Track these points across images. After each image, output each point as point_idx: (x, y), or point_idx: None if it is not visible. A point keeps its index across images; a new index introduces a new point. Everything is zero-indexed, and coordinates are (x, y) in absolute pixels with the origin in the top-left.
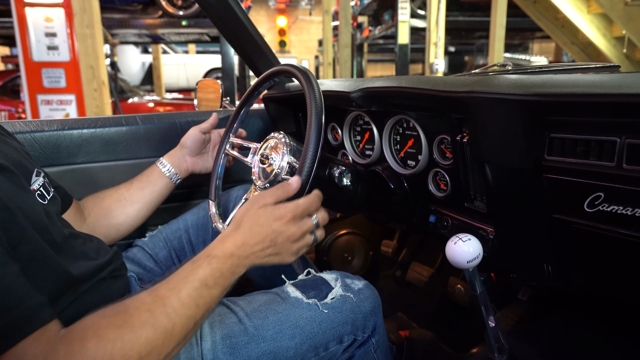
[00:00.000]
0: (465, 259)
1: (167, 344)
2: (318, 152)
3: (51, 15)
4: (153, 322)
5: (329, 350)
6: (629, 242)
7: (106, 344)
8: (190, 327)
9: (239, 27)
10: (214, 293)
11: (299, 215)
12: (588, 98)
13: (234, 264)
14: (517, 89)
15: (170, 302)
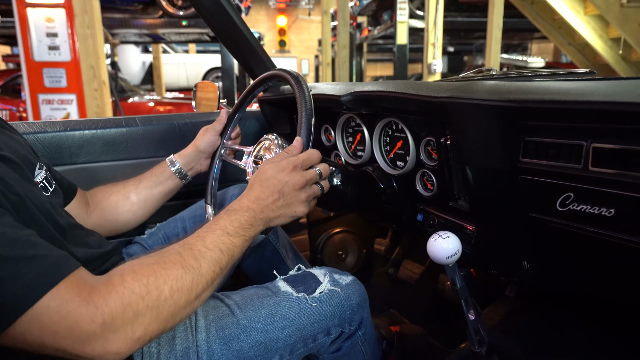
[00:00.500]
0: (445, 255)
1: (196, 283)
2: (312, 131)
3: (52, 15)
4: (182, 262)
5: (317, 342)
6: (597, 240)
7: (142, 277)
8: (216, 271)
9: (235, 31)
10: (235, 241)
11: (300, 166)
12: (556, 105)
13: (251, 217)
14: (493, 95)
15: (197, 247)
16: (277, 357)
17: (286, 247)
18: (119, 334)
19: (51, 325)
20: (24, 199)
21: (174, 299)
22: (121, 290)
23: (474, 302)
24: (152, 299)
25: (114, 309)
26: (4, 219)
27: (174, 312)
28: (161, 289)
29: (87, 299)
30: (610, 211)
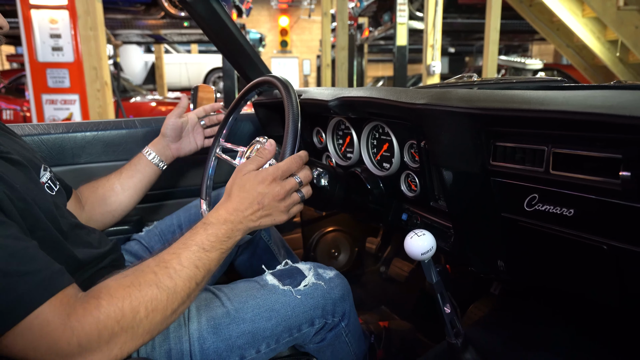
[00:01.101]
0: (420, 252)
1: (171, 301)
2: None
3: (56, 17)
4: (157, 282)
5: (301, 332)
6: (560, 238)
7: (117, 301)
8: (192, 286)
9: (229, 37)
10: (211, 256)
11: (279, 176)
12: (517, 112)
13: (228, 229)
14: (464, 103)
15: (172, 265)
16: (264, 346)
17: (278, 244)
18: (95, 353)
19: (33, 341)
20: (30, 205)
21: (149, 319)
22: (97, 315)
23: (449, 296)
24: (127, 321)
25: (89, 332)
26: (9, 231)
27: (150, 329)
28: (137, 310)
29: (65, 322)
30: (570, 211)
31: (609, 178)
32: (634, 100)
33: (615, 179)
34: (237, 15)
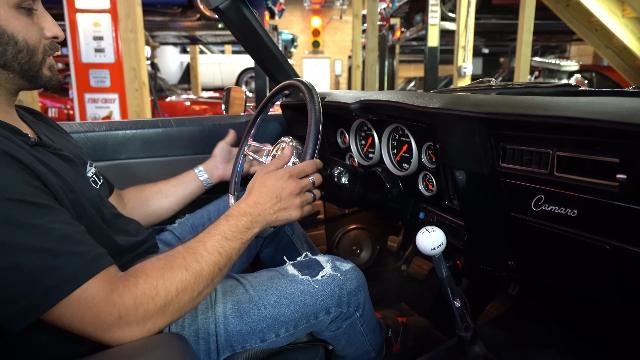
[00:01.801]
0: (430, 247)
1: (198, 283)
2: (319, 138)
3: (99, 20)
4: (186, 266)
5: (318, 319)
6: (566, 238)
7: (152, 280)
8: (215, 271)
9: (259, 43)
10: (233, 245)
11: (296, 174)
12: (522, 117)
13: (248, 221)
14: (474, 107)
15: (199, 251)
16: (283, 330)
17: (301, 239)
18: (131, 326)
19: (80, 313)
20: (78, 195)
21: (179, 298)
22: (134, 291)
23: (459, 290)
24: (160, 299)
25: (128, 306)
26: (61, 216)
27: (179, 308)
28: (168, 290)
29: (108, 296)
30: (574, 212)
31: (607, 180)
32: (631, 107)
33: (613, 181)
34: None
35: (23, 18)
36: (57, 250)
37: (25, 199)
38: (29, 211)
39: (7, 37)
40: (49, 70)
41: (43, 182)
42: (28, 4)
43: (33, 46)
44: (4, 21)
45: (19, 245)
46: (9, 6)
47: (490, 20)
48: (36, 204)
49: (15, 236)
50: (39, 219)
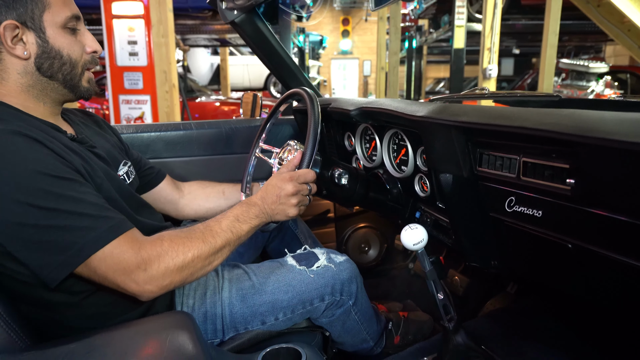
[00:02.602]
0: (412, 243)
1: (211, 253)
2: (316, 145)
3: (133, 25)
4: (203, 238)
5: (313, 306)
6: (536, 236)
7: (174, 245)
8: (226, 246)
9: (272, 52)
10: (243, 227)
11: (295, 179)
12: (491, 127)
13: (256, 210)
14: (452, 117)
15: (214, 228)
16: (281, 314)
17: (305, 234)
18: (153, 280)
19: (112, 265)
20: (105, 183)
21: (194, 263)
22: (159, 251)
23: (442, 283)
24: (179, 261)
25: (153, 261)
26: (88, 189)
27: (193, 272)
28: (186, 255)
29: (137, 252)
30: (539, 213)
31: (561, 184)
32: (581, 119)
33: (566, 185)
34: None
35: (68, 36)
36: (89, 214)
37: (58, 175)
38: (62, 184)
39: (54, 52)
40: (87, 83)
41: (70, 163)
42: (72, 24)
43: (75, 60)
44: (52, 39)
45: (57, 210)
46: (56, 26)
47: (520, 21)
48: (67, 179)
49: (53, 203)
50: (71, 190)
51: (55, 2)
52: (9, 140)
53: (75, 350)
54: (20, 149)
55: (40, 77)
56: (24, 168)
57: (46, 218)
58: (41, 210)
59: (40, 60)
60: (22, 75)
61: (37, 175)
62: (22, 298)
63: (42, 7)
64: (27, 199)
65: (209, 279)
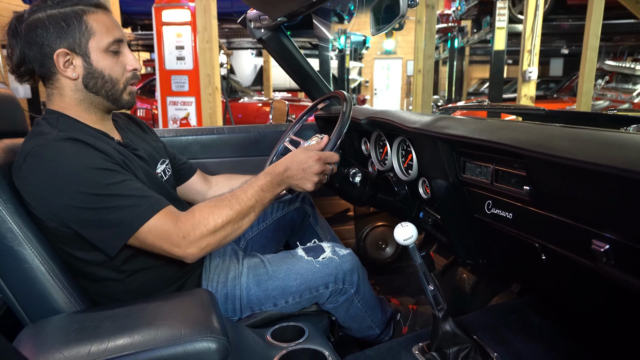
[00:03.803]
0: (402, 238)
1: (238, 219)
2: (342, 134)
3: (181, 32)
4: (230, 205)
5: (319, 292)
6: (511, 237)
7: (204, 213)
8: (251, 212)
9: (297, 66)
10: (266, 195)
11: (322, 159)
12: (466, 139)
13: (278, 179)
14: (438, 129)
15: (240, 197)
16: (290, 298)
17: (325, 230)
18: (192, 243)
19: (157, 235)
20: (144, 180)
21: (224, 227)
22: (193, 221)
23: (432, 276)
24: (210, 226)
25: (189, 229)
26: (130, 177)
27: (225, 235)
28: (217, 220)
29: (176, 223)
30: (510, 215)
31: (521, 190)
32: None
33: (524, 191)
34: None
35: (109, 58)
36: (133, 195)
37: (105, 167)
38: (109, 174)
39: (97, 73)
40: (128, 95)
41: (114, 159)
42: (114, 48)
43: (116, 78)
44: (96, 62)
45: (108, 195)
46: (99, 51)
47: (567, 21)
48: (113, 170)
49: (104, 190)
50: (117, 178)
51: (99, 30)
52: (65, 145)
53: (118, 313)
54: (74, 151)
55: (88, 93)
56: (79, 165)
57: (100, 202)
58: (95, 196)
59: (86, 79)
60: (74, 92)
61: (89, 170)
62: (80, 274)
63: (88, 36)
64: (83, 189)
65: (230, 266)
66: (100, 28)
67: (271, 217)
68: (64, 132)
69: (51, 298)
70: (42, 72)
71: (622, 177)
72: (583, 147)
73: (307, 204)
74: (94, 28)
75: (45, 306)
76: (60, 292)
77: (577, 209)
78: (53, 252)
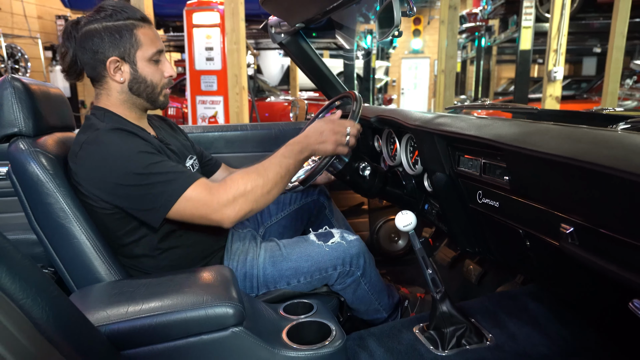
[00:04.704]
0: (402, 225)
1: (266, 184)
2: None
3: (210, 33)
4: (257, 173)
5: (328, 273)
6: (499, 224)
7: (235, 181)
8: (278, 178)
9: (315, 67)
10: (289, 161)
11: (338, 124)
12: (456, 135)
13: (300, 147)
14: (436, 126)
15: (266, 165)
16: (302, 278)
17: (339, 221)
18: (227, 207)
19: (195, 204)
20: None
21: (254, 191)
22: (225, 188)
23: (430, 260)
24: (241, 190)
25: (222, 195)
26: (165, 157)
27: (255, 199)
28: (246, 185)
29: (211, 192)
30: (497, 203)
31: (502, 180)
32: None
33: (505, 181)
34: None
35: (152, 66)
36: (170, 171)
37: (147, 151)
38: (150, 156)
39: (141, 78)
40: (163, 97)
41: (155, 146)
42: (156, 57)
43: (155, 83)
44: (141, 69)
45: (149, 173)
46: (144, 60)
47: (597, 20)
48: (152, 153)
49: (146, 170)
50: (156, 159)
51: (145, 42)
52: (114, 134)
53: (150, 282)
54: (121, 139)
55: (131, 95)
56: (125, 150)
57: (143, 180)
58: (139, 175)
59: (131, 83)
60: (120, 94)
61: (133, 154)
62: (119, 251)
63: (137, 47)
64: (129, 169)
65: (249, 249)
66: (146, 40)
67: (289, 207)
68: (111, 124)
69: (94, 269)
70: (92, 74)
71: (578, 167)
72: (548, 141)
73: (323, 196)
74: (142, 40)
75: (89, 276)
76: (102, 264)
77: (547, 196)
78: (97, 230)
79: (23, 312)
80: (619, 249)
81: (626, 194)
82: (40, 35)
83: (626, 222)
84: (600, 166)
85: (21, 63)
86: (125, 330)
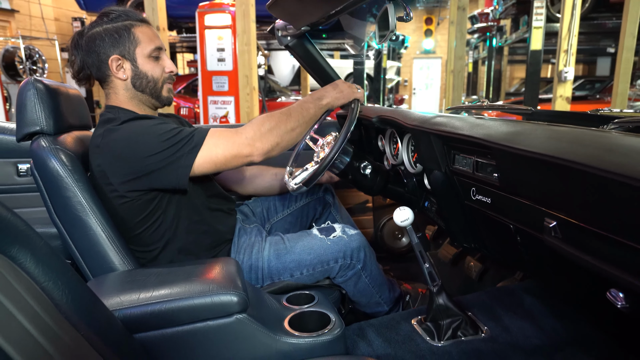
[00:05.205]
0: (400, 220)
1: (289, 122)
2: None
3: (222, 35)
4: (280, 113)
5: (329, 266)
6: (492, 219)
7: (260, 120)
8: (300, 119)
9: (320, 69)
10: (310, 106)
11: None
12: (450, 134)
13: (319, 94)
14: (432, 126)
15: (288, 108)
16: (305, 270)
17: (344, 219)
18: (255, 141)
19: (223, 143)
20: None
21: (278, 126)
22: (251, 124)
23: (427, 254)
24: (266, 126)
25: (249, 131)
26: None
27: (280, 134)
28: (271, 121)
29: (236, 130)
30: (489, 200)
31: (492, 177)
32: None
33: (494, 178)
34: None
35: (152, 62)
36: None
37: (166, 129)
38: (170, 126)
39: (142, 74)
40: (167, 92)
41: None
42: (155, 54)
43: (156, 78)
44: (141, 65)
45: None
46: (144, 57)
47: (610, 20)
48: (169, 129)
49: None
50: (173, 131)
51: (143, 40)
52: (130, 121)
53: (160, 271)
54: (140, 121)
55: (136, 91)
56: (146, 126)
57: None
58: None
59: (134, 80)
60: (126, 91)
61: (154, 127)
62: (131, 240)
63: (135, 44)
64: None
65: (255, 242)
66: (144, 38)
67: (295, 204)
68: (128, 116)
69: (109, 259)
70: (98, 75)
71: (555, 165)
72: (532, 141)
73: (329, 194)
74: (140, 38)
75: (104, 265)
76: (117, 255)
77: (532, 192)
78: (112, 222)
79: (45, 294)
80: (596, 241)
81: (597, 189)
82: (57, 37)
83: (599, 216)
84: (574, 163)
85: (39, 64)
86: (137, 315)
